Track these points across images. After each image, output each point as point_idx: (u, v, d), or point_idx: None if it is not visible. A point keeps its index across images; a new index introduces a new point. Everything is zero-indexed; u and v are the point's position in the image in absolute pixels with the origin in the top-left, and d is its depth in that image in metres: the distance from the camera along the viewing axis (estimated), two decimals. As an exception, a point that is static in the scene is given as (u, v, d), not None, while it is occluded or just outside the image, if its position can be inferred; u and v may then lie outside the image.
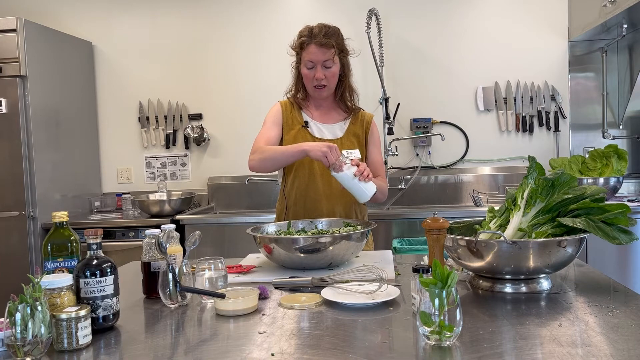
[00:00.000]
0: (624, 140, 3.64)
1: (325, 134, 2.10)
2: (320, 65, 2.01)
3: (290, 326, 1.20)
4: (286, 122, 2.11)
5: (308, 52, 2.01)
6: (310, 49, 2.00)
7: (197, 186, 3.92)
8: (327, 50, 1.99)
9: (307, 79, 2.06)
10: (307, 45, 2.01)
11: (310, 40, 2.00)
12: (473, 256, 1.38)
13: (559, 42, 3.65)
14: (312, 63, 2.01)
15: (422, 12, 3.73)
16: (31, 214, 3.24)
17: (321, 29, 2.01)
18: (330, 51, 1.99)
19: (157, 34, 3.90)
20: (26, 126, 3.22)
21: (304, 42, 2.02)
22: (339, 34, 2.05)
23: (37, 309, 1.04)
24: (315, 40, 1.99)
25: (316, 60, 2.00)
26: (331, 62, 2.01)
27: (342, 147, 2.04)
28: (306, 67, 2.04)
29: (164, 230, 1.49)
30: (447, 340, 1.03)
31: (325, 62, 2.00)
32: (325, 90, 2.07)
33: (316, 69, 2.01)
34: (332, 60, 2.00)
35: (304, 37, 2.02)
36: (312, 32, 2.01)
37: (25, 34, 3.19)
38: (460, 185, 3.68)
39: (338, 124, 2.13)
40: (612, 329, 1.10)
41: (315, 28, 2.02)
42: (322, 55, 1.99)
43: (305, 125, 2.10)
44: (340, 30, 2.07)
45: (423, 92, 3.74)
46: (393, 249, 2.68)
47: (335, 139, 2.08)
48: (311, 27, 2.04)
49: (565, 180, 1.46)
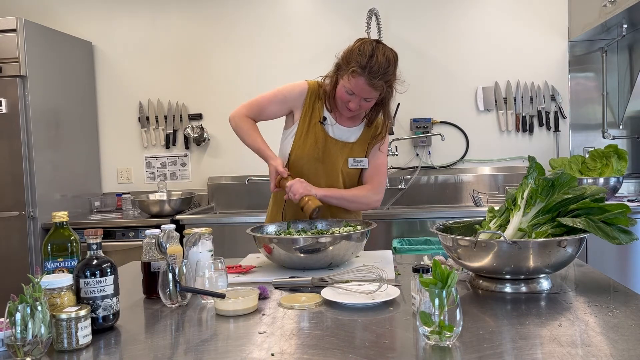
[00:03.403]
0: (624, 140, 3.64)
1: (340, 136, 2.01)
2: (360, 98, 1.85)
3: (290, 326, 1.20)
4: (305, 112, 2.00)
5: (355, 83, 1.81)
6: (359, 81, 1.80)
7: (197, 186, 3.92)
8: (374, 92, 1.83)
9: (341, 99, 1.90)
10: (357, 75, 1.80)
11: (363, 73, 1.79)
12: (473, 256, 1.38)
13: (559, 42, 3.65)
14: (353, 93, 1.84)
15: (422, 12, 3.73)
16: (31, 214, 3.24)
17: (380, 66, 1.78)
18: (377, 92, 1.84)
19: (157, 34, 3.90)
20: (26, 126, 3.22)
21: (355, 71, 1.79)
22: (393, 71, 1.84)
23: (37, 309, 1.04)
24: (368, 77, 1.78)
25: (359, 93, 1.84)
26: (372, 99, 1.87)
27: (353, 152, 2.00)
28: (346, 91, 1.86)
29: (164, 230, 1.49)
30: (447, 340, 1.03)
31: (367, 98, 1.86)
32: (352, 114, 1.96)
33: (355, 99, 1.85)
34: (373, 98, 1.87)
35: (359, 66, 1.79)
36: (370, 67, 1.78)
37: (25, 34, 3.19)
38: (460, 185, 3.68)
39: (355, 128, 2.03)
40: (612, 329, 1.10)
41: (375, 64, 1.78)
42: (368, 93, 1.83)
43: (323, 121, 2.00)
44: (396, 62, 1.85)
45: (423, 92, 3.74)
46: (393, 249, 2.68)
47: (348, 143, 2.01)
48: (371, 54, 1.79)
49: (565, 180, 1.46)
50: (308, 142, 1.99)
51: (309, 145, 1.99)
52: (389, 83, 1.85)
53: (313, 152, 1.98)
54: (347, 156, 2.01)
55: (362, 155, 2.03)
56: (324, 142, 1.98)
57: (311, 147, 1.98)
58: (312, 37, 3.77)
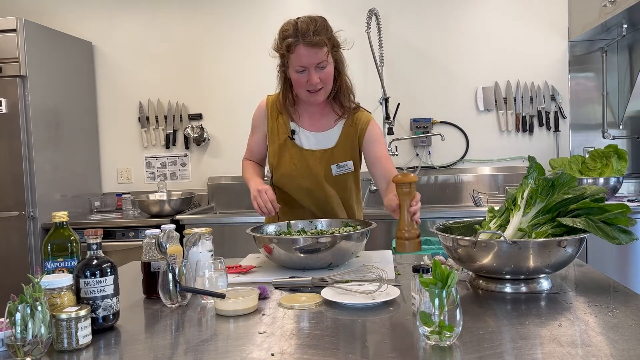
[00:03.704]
0: (624, 140, 3.64)
1: (315, 144, 1.90)
2: (314, 67, 1.73)
3: (290, 326, 1.20)
4: (271, 131, 1.92)
5: (298, 55, 1.72)
6: (300, 50, 1.71)
7: (197, 186, 3.92)
8: (320, 50, 1.71)
9: (298, 84, 1.79)
10: (295, 46, 1.71)
11: (298, 41, 1.70)
12: (473, 256, 1.38)
13: (559, 42, 3.65)
14: (304, 67, 1.74)
15: (422, 12, 3.73)
16: (31, 214, 3.24)
17: (308, 24, 1.71)
18: (323, 50, 1.71)
19: (157, 34, 3.90)
20: (26, 126, 3.22)
21: (290, 43, 1.72)
22: (327, 26, 1.76)
23: (37, 309, 1.04)
24: (305, 40, 1.69)
25: (309, 63, 1.72)
26: (325, 62, 1.74)
27: (334, 158, 1.89)
28: (296, 71, 1.75)
29: (164, 230, 1.49)
30: (447, 340, 1.03)
31: (320, 63, 1.73)
32: (321, 94, 1.81)
33: (309, 73, 1.74)
34: (326, 60, 1.74)
35: (289, 37, 1.72)
36: (299, 30, 1.71)
37: (25, 34, 3.19)
38: (460, 185, 3.68)
39: (330, 131, 1.90)
40: (612, 329, 1.10)
41: (301, 24, 1.72)
42: (315, 57, 1.71)
43: (292, 135, 1.89)
44: (327, 21, 1.79)
45: (423, 92, 3.74)
46: (393, 249, 2.68)
47: (327, 149, 1.89)
48: (295, 22, 1.74)
49: (565, 180, 1.46)
50: (283, 162, 1.91)
51: (285, 164, 1.91)
52: (330, 40, 1.76)
53: (291, 170, 1.90)
54: (328, 163, 1.89)
55: (346, 159, 1.91)
56: (299, 156, 1.89)
57: (287, 166, 1.91)
58: (312, 37, 3.76)
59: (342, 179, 1.94)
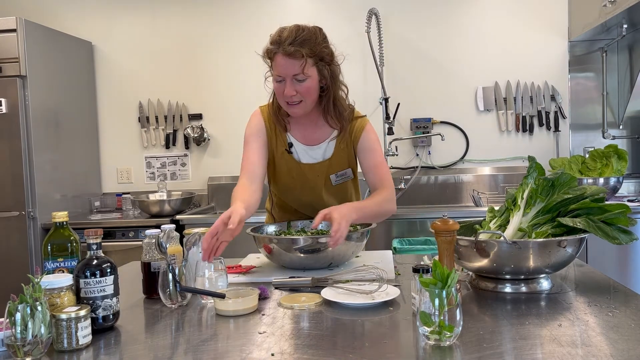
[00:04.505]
0: (624, 140, 3.64)
1: (311, 158, 1.84)
2: (290, 79, 1.65)
3: (290, 326, 1.20)
4: (270, 142, 1.84)
5: (276, 64, 1.65)
6: (277, 59, 1.64)
7: (197, 186, 3.92)
8: (296, 61, 1.62)
9: (277, 94, 1.73)
10: (274, 54, 1.65)
11: (277, 49, 1.63)
12: (473, 256, 1.38)
13: (559, 42, 3.65)
14: (281, 77, 1.66)
15: (422, 12, 3.73)
16: (31, 214, 3.24)
17: (292, 32, 1.63)
18: (300, 62, 1.62)
19: (157, 34, 3.90)
20: (26, 126, 3.22)
21: (271, 50, 1.66)
22: (314, 39, 1.65)
23: (37, 309, 1.03)
24: (282, 49, 1.62)
25: (285, 73, 1.64)
26: (303, 76, 1.64)
27: (332, 168, 1.85)
28: (276, 80, 1.69)
29: (164, 230, 1.49)
30: (447, 340, 1.03)
31: (296, 75, 1.64)
32: (299, 108, 1.71)
33: (286, 84, 1.66)
34: (302, 73, 1.63)
35: (272, 44, 1.66)
36: (280, 38, 1.64)
37: (25, 34, 3.19)
38: (460, 185, 3.68)
39: (325, 144, 1.83)
40: (612, 329, 1.10)
41: (286, 32, 1.65)
42: (291, 68, 1.63)
43: (289, 148, 1.83)
44: (319, 33, 1.69)
45: (423, 92, 3.74)
46: (393, 249, 2.69)
47: (324, 161, 1.84)
48: (283, 29, 1.67)
49: (565, 180, 1.46)
50: (281, 175, 1.88)
51: (283, 177, 1.88)
52: (316, 54, 1.64)
53: (289, 183, 1.88)
54: (326, 174, 1.85)
55: (344, 167, 1.86)
56: (297, 170, 1.85)
57: (286, 179, 1.88)
58: (312, 37, 3.76)
59: (342, 188, 1.91)
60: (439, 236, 1.33)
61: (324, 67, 1.68)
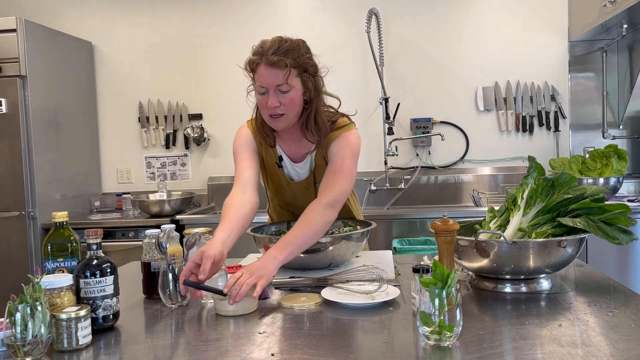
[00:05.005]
0: (624, 140, 3.64)
1: (298, 175, 1.82)
2: (274, 90, 1.60)
3: (290, 326, 1.20)
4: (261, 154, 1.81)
5: (258, 75, 1.61)
6: (260, 70, 1.60)
7: (197, 186, 3.92)
8: (280, 71, 1.58)
9: (260, 106, 1.67)
10: (257, 65, 1.61)
11: (260, 59, 1.60)
12: (473, 256, 1.38)
13: (559, 42, 3.65)
14: (264, 88, 1.61)
15: (422, 12, 3.72)
16: (31, 214, 3.24)
17: (275, 43, 1.61)
18: (283, 72, 1.58)
19: (157, 34, 3.90)
20: (26, 126, 3.22)
21: (253, 61, 1.62)
22: (298, 49, 1.63)
23: (37, 309, 1.04)
24: (265, 59, 1.58)
25: (268, 84, 1.60)
26: (287, 86, 1.60)
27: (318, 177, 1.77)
28: (259, 92, 1.64)
29: (164, 230, 1.49)
30: (447, 340, 1.03)
31: (279, 86, 1.60)
32: (282, 121, 1.65)
33: (269, 95, 1.61)
34: (286, 84, 1.59)
35: (254, 54, 1.62)
36: (263, 48, 1.61)
37: (25, 34, 3.19)
38: (460, 185, 3.68)
39: (309, 157, 1.79)
40: (612, 329, 1.10)
41: (268, 42, 1.62)
42: (274, 78, 1.59)
43: (280, 162, 1.80)
44: (302, 45, 1.67)
45: (423, 92, 3.74)
46: (393, 249, 2.69)
47: (309, 174, 1.80)
48: (265, 41, 1.64)
49: (565, 180, 1.46)
50: (274, 184, 1.88)
51: (276, 190, 1.90)
52: (300, 64, 1.61)
53: (281, 196, 1.90)
54: (313, 185, 1.82)
55: None
56: (287, 185, 1.85)
57: (278, 192, 1.90)
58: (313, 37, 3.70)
59: None
60: (439, 236, 1.33)
61: (307, 78, 1.64)
